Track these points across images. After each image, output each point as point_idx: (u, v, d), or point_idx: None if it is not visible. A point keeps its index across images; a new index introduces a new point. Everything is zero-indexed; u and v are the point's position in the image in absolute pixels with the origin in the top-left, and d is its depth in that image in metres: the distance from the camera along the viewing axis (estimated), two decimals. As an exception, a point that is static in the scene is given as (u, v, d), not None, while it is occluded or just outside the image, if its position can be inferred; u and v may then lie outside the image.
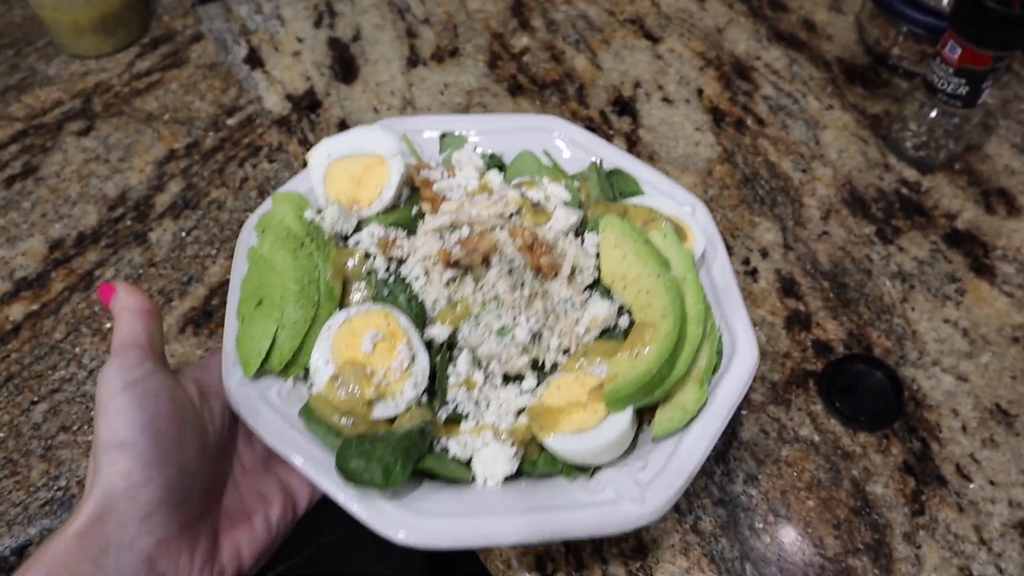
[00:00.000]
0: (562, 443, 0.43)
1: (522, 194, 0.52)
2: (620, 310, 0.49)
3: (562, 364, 0.47)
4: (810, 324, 0.61)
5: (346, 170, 0.53)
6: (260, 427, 0.42)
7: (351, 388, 0.43)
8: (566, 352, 0.47)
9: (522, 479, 0.44)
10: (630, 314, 0.48)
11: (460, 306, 0.46)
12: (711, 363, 0.46)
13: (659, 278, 0.46)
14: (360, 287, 0.49)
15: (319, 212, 0.51)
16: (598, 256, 0.50)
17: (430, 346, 0.46)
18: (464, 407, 0.45)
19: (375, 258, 0.49)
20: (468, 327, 0.46)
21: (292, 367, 0.45)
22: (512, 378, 0.47)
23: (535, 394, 0.46)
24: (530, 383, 0.46)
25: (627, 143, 0.74)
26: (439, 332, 0.46)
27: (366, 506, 0.40)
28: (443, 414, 0.45)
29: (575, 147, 0.58)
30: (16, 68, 0.78)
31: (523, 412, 0.45)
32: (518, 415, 0.45)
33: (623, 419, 0.43)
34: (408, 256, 0.49)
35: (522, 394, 0.46)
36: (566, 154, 0.58)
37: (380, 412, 0.43)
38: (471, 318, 0.46)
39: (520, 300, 0.46)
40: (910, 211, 0.69)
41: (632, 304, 0.48)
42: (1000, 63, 0.62)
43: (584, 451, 0.43)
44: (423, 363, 0.45)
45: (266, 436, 0.42)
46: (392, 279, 0.48)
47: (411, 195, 0.54)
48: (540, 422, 0.44)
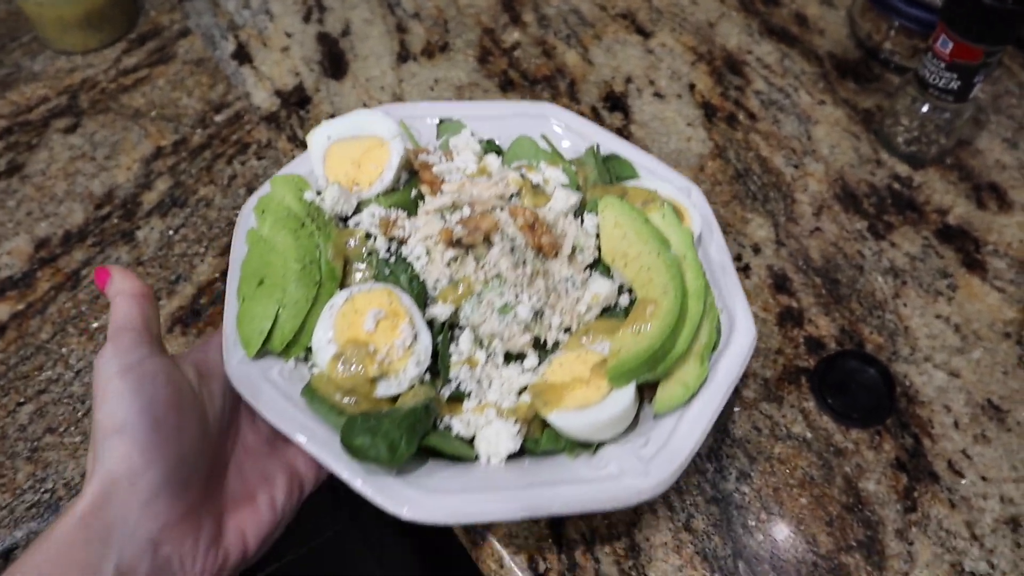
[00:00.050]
0: (565, 419, 0.43)
1: (522, 175, 0.53)
2: (620, 289, 0.49)
3: (563, 343, 0.47)
4: (802, 320, 0.61)
5: (346, 152, 0.53)
6: (262, 406, 0.42)
7: (354, 366, 0.43)
8: (567, 331, 0.47)
9: (525, 457, 0.45)
10: (630, 293, 0.49)
11: (462, 285, 0.47)
12: (711, 340, 0.47)
13: (659, 256, 0.47)
14: (361, 267, 0.49)
15: (319, 193, 0.51)
16: (597, 237, 0.50)
17: (431, 326, 0.46)
18: (467, 385, 0.46)
19: (376, 238, 0.49)
20: (470, 305, 0.46)
21: (293, 347, 0.46)
22: (514, 357, 0.47)
23: (537, 373, 0.46)
24: (532, 362, 0.47)
25: (619, 139, 0.73)
26: (441, 311, 0.46)
27: (370, 483, 0.40)
28: (446, 392, 0.45)
29: (571, 133, 0.58)
30: (0, 64, 0.77)
31: (525, 391, 0.45)
32: (520, 394, 0.46)
33: (626, 394, 0.44)
34: (409, 236, 0.49)
35: (524, 373, 0.46)
36: (562, 141, 0.58)
37: (383, 390, 0.44)
38: (473, 296, 0.46)
39: (522, 278, 0.46)
40: (902, 206, 0.69)
41: (633, 281, 0.48)
42: (992, 58, 0.62)
43: (587, 426, 0.43)
44: (425, 341, 0.45)
45: (268, 415, 0.42)
46: (393, 259, 0.49)
47: (410, 179, 0.54)
48: (544, 398, 0.44)
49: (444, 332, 0.46)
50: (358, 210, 0.52)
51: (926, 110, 0.68)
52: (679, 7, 0.87)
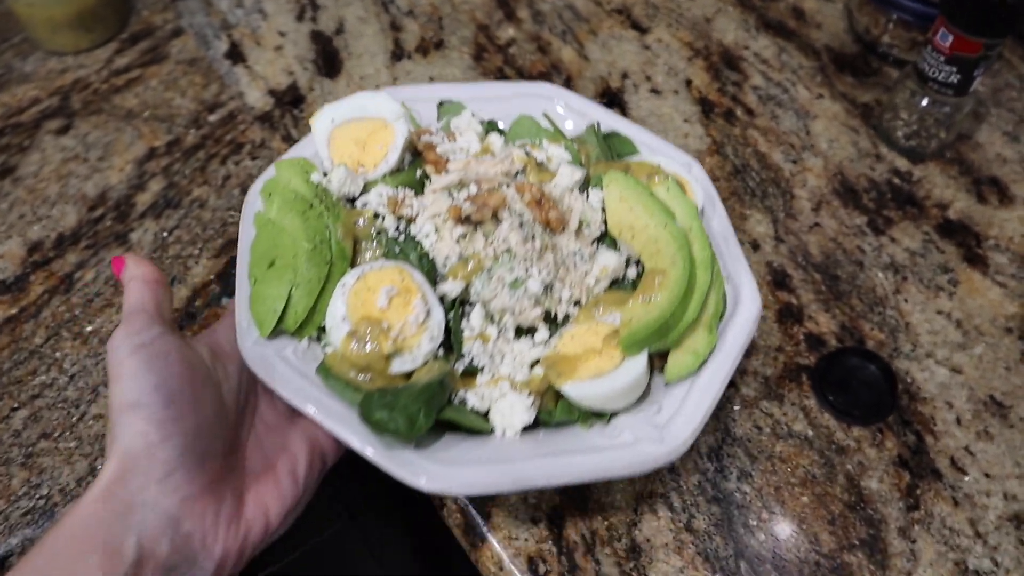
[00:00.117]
0: (580, 389, 0.44)
1: (527, 152, 0.53)
2: (628, 261, 0.50)
3: (573, 316, 0.48)
4: (802, 317, 0.60)
5: (350, 134, 0.53)
6: (277, 384, 0.42)
7: (368, 344, 0.43)
8: (577, 304, 0.48)
9: (540, 429, 0.45)
10: (638, 265, 0.50)
11: (472, 261, 0.47)
12: (718, 309, 0.47)
13: (666, 227, 0.47)
14: (371, 247, 0.49)
15: (325, 175, 0.51)
16: (603, 211, 0.51)
17: (442, 302, 0.47)
18: (480, 360, 0.46)
19: (384, 218, 0.49)
20: (481, 281, 0.46)
21: (306, 327, 0.46)
22: (525, 331, 0.47)
23: (548, 345, 0.47)
24: (543, 335, 0.47)
25: (616, 135, 0.73)
26: (451, 288, 0.46)
27: (388, 455, 0.40)
28: (459, 367, 0.46)
29: (571, 112, 0.59)
30: (-9, 66, 0.77)
31: (537, 364, 0.46)
32: (532, 367, 0.46)
33: (639, 363, 0.45)
34: (417, 215, 0.49)
35: (535, 346, 0.47)
36: (564, 120, 0.58)
37: (398, 367, 0.44)
38: (483, 272, 0.46)
39: (532, 252, 0.47)
40: (902, 201, 0.68)
41: (641, 252, 0.49)
42: (991, 51, 0.62)
43: (602, 395, 0.44)
44: (439, 316, 0.45)
45: (284, 392, 0.42)
46: (403, 238, 0.49)
47: (414, 159, 0.54)
48: (557, 369, 0.45)
49: (455, 308, 0.47)
50: (364, 191, 0.52)
51: (925, 104, 0.67)
52: (675, 2, 0.87)
